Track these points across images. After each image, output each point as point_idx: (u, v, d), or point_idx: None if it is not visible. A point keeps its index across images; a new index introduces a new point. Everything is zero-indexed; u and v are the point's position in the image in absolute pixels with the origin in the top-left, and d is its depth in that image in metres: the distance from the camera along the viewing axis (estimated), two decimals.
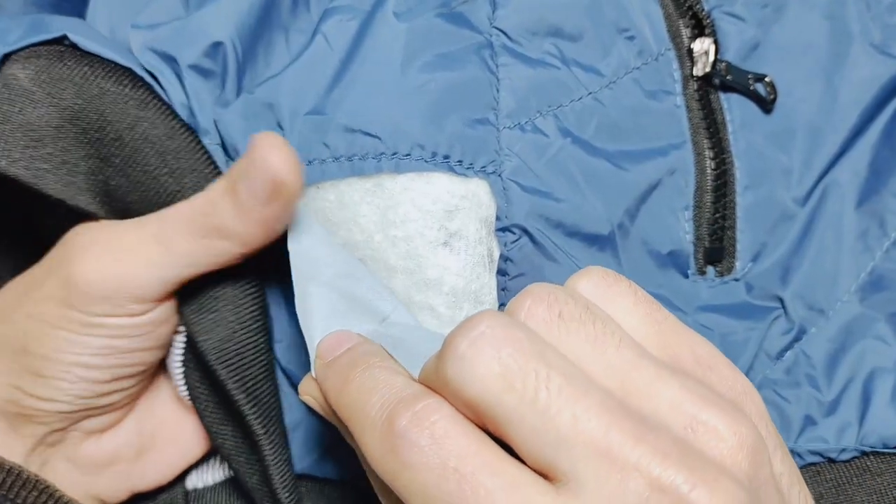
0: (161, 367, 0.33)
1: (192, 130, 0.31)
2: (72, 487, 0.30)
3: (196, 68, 0.31)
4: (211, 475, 0.35)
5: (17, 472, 0.27)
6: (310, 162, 0.30)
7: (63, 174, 0.30)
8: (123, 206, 0.30)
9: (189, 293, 0.30)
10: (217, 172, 0.31)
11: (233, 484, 0.35)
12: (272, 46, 0.32)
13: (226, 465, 0.35)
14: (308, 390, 0.27)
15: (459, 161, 0.30)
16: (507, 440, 0.20)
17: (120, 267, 0.28)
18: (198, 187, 0.30)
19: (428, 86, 0.30)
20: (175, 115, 0.31)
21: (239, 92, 0.31)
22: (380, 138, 0.30)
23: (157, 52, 0.31)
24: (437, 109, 0.30)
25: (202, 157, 0.30)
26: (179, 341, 0.32)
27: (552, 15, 0.31)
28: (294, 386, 0.32)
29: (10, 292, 0.30)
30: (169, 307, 0.30)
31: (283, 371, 0.32)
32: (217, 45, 0.31)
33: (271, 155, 0.26)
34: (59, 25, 0.30)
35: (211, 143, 0.31)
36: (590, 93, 0.31)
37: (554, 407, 0.19)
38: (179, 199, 0.30)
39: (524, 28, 0.31)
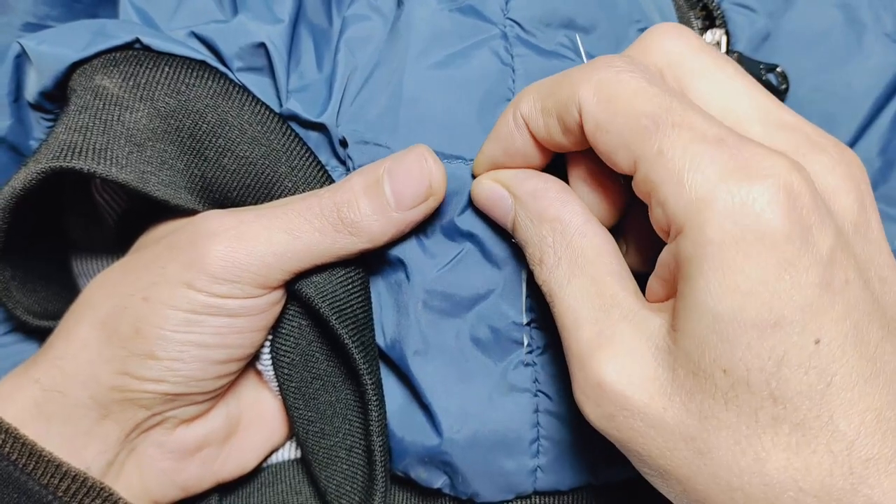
0: None
1: (277, 115, 0.32)
2: (159, 475, 0.31)
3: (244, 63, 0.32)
4: (284, 454, 0.36)
5: (81, 478, 0.28)
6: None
7: (164, 174, 0.31)
8: (222, 197, 0.31)
9: None
10: (310, 154, 0.31)
11: (302, 463, 0.36)
12: (301, 50, 0.33)
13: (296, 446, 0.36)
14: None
15: (472, 159, 0.31)
16: (689, 88, 0.25)
17: (247, 254, 0.28)
18: (293, 170, 0.31)
19: (441, 83, 0.31)
20: (258, 101, 0.31)
21: (288, 92, 0.32)
22: (391, 149, 0.31)
23: (203, 40, 0.32)
24: (451, 108, 0.31)
25: (293, 140, 0.31)
26: None
27: (565, 6, 0.32)
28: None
29: (113, 282, 0.30)
30: (283, 289, 0.31)
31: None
32: (259, 45, 0.32)
33: (429, 163, 0.29)
34: (122, 29, 0.31)
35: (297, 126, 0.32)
36: None
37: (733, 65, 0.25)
38: (278, 184, 0.31)
39: (537, 19, 0.32)
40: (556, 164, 0.29)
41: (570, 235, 0.26)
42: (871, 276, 0.23)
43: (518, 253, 0.31)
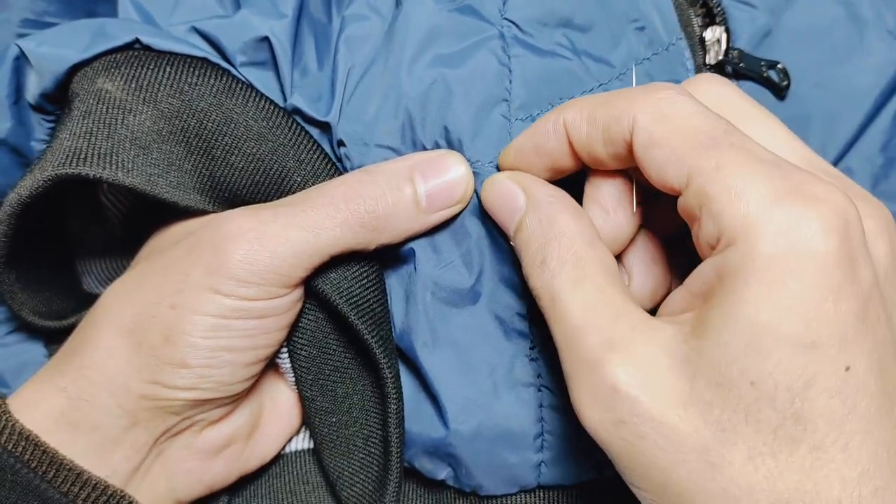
0: None
1: (282, 109, 0.32)
2: (185, 475, 0.32)
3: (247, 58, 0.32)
4: (292, 444, 0.37)
5: (101, 486, 0.28)
6: None
7: (172, 176, 0.31)
8: (232, 195, 0.31)
9: None
10: (317, 147, 0.32)
11: (310, 453, 0.37)
12: (303, 46, 0.33)
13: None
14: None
15: (468, 159, 0.31)
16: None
17: (269, 255, 0.28)
18: (301, 164, 0.31)
19: (438, 84, 0.31)
20: (262, 96, 0.31)
21: (292, 87, 0.32)
22: (393, 150, 0.31)
23: (204, 35, 0.32)
24: (448, 109, 0.31)
25: (299, 133, 0.31)
26: None
27: (562, 5, 0.32)
28: None
29: (134, 289, 0.30)
30: (303, 286, 0.31)
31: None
32: (263, 40, 0.32)
33: (466, 171, 0.30)
34: (122, 29, 0.31)
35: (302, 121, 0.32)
36: (600, 84, 0.31)
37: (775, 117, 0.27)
38: (287, 179, 0.31)
39: (535, 19, 0.32)
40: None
41: (578, 244, 0.26)
42: (894, 323, 0.23)
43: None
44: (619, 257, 0.29)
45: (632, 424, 0.23)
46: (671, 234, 0.30)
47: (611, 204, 0.28)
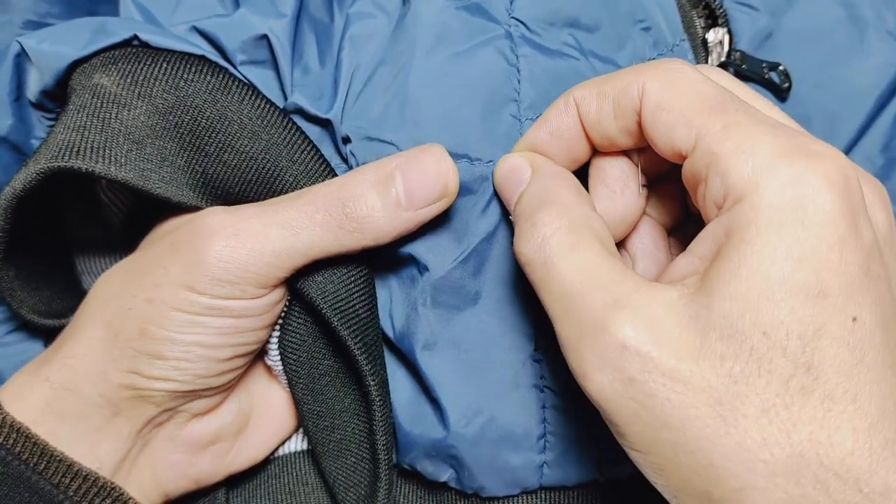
0: None
1: (278, 108, 0.31)
2: (171, 468, 0.32)
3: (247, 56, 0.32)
4: (291, 445, 0.37)
5: (92, 478, 0.28)
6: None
7: (165, 172, 0.30)
8: (224, 193, 0.31)
9: None
10: (311, 146, 0.31)
11: (309, 455, 0.36)
12: (304, 44, 0.33)
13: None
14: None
15: (479, 158, 0.31)
16: None
17: (246, 252, 0.28)
18: (293, 163, 0.31)
19: (447, 82, 0.31)
20: (257, 94, 0.31)
21: (293, 86, 0.32)
22: (396, 146, 0.31)
23: (204, 34, 0.32)
24: (456, 108, 0.31)
25: (294, 133, 0.31)
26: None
27: (569, 6, 0.32)
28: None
29: (118, 282, 0.30)
30: (284, 286, 0.31)
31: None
32: (262, 38, 0.32)
33: (446, 164, 0.29)
34: (122, 27, 0.31)
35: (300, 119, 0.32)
36: None
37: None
38: (279, 178, 0.31)
39: (542, 19, 0.32)
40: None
41: (574, 213, 0.26)
42: (894, 287, 0.23)
43: None
44: (623, 243, 0.30)
45: (643, 382, 0.22)
46: (669, 227, 0.30)
47: (617, 185, 0.28)
